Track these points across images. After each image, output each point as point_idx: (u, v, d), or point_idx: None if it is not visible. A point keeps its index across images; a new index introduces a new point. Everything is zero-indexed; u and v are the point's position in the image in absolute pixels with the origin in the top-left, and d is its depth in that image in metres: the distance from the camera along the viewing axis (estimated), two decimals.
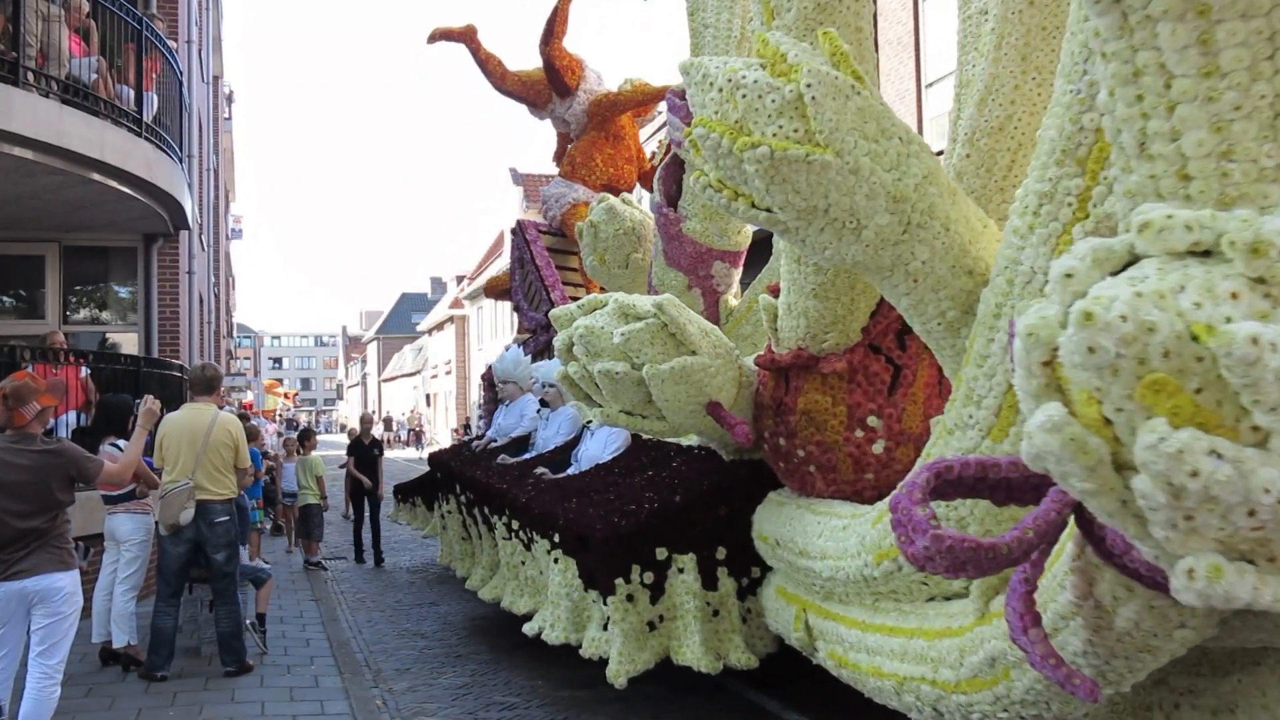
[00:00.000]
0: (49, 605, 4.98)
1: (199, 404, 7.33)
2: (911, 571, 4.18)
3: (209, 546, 7.09)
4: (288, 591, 10.51)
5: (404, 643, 8.58)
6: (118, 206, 10.78)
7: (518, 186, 39.92)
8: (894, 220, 3.89)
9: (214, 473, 7.07)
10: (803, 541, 5.06)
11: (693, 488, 6.27)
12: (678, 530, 6.00)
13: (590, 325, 5.64)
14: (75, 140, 9.07)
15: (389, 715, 6.52)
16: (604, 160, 12.20)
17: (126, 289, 12.86)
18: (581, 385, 5.87)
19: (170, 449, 7.06)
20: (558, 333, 5.98)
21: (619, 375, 5.50)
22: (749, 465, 6.25)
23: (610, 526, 5.98)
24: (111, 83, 10.13)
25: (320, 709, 6.51)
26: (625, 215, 9.85)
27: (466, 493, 9.12)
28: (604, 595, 5.91)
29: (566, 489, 7.07)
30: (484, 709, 6.68)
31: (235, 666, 7.17)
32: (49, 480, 5.06)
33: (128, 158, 9.90)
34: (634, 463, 7.29)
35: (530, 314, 12.18)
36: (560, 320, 6.02)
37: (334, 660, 7.72)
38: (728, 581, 6.02)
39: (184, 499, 6.93)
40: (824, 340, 5.31)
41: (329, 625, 8.99)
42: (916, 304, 4.19)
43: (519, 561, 7.44)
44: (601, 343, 5.58)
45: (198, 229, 15.47)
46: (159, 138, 10.80)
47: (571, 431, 8.80)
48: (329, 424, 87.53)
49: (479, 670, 7.63)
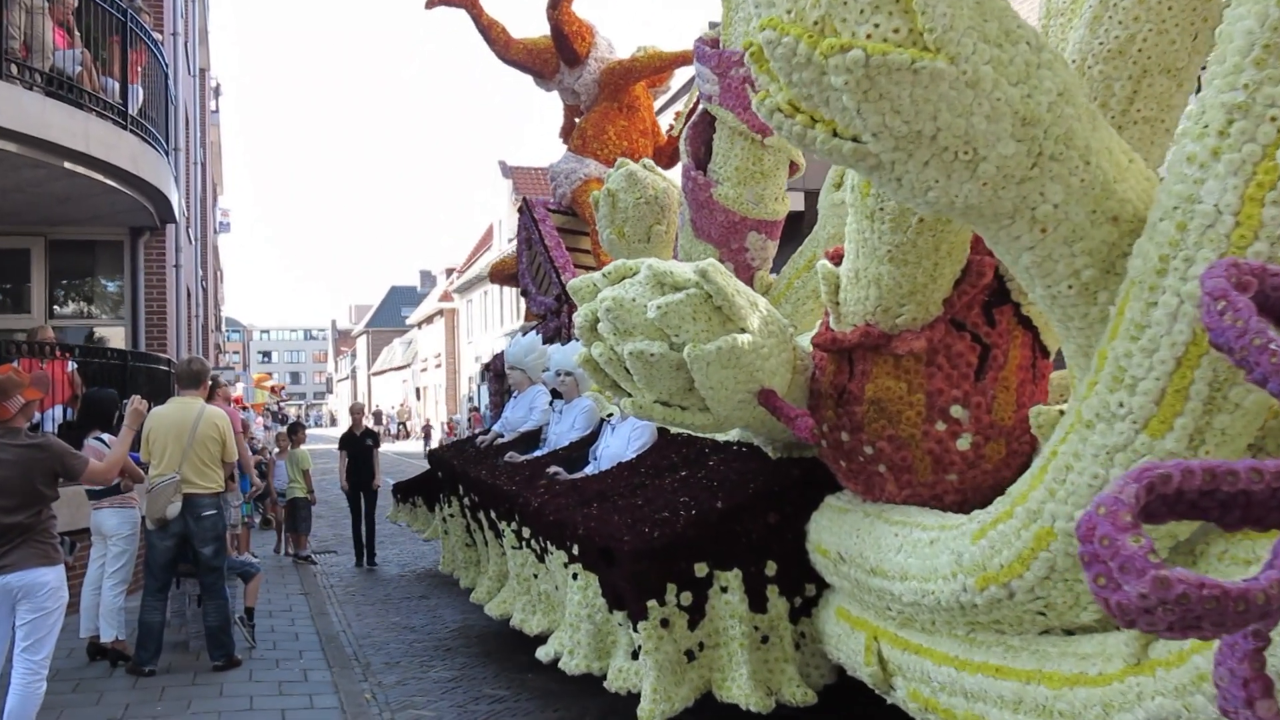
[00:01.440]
0: (33, 601, 4.89)
1: (186, 398, 7.22)
2: (1029, 599, 3.35)
3: (196, 540, 6.95)
4: (276, 585, 10.25)
5: (393, 636, 8.42)
6: (103, 200, 10.54)
7: (507, 179, 39.68)
8: (1021, 150, 3.03)
9: (201, 466, 6.94)
10: (875, 557, 4.21)
11: (736, 491, 5.22)
12: (720, 542, 4.99)
13: (619, 297, 4.69)
14: (59, 133, 8.90)
15: (378, 708, 6.39)
16: (617, 133, 11.25)
17: (113, 283, 12.67)
18: (608, 370, 4.91)
19: (157, 443, 6.92)
20: (576, 309, 5.08)
21: (654, 357, 4.56)
22: (801, 465, 5.28)
23: (640, 539, 4.92)
24: (96, 75, 9.93)
25: (309, 703, 6.39)
26: (647, 182, 8.78)
27: (470, 494, 8.07)
28: (634, 620, 4.86)
29: (585, 492, 6.07)
30: (473, 701, 6.59)
31: (223, 661, 7.04)
32: (33, 475, 4.97)
33: (113, 151, 9.72)
34: (662, 461, 6.29)
35: (539, 298, 11.20)
36: (581, 292, 5.09)
37: (323, 654, 7.59)
38: (779, 602, 5.02)
39: (171, 493, 6.82)
40: (899, 314, 4.32)
41: (318, 619, 8.81)
42: (1042, 261, 3.28)
43: (530, 574, 6.52)
44: (633, 318, 4.65)
45: (185, 222, 15.35)
46: (144, 130, 10.58)
47: (588, 426, 7.87)
48: (319, 417, 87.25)
49: (468, 663, 7.49)
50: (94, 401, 7.68)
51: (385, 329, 76.15)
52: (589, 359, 4.95)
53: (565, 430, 8.05)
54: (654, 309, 4.54)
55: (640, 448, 6.74)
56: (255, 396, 43.36)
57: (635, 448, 6.76)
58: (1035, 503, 3.35)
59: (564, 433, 8.03)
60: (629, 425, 6.93)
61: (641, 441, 6.80)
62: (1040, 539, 3.29)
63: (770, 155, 7.43)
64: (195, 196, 19.21)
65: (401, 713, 6.40)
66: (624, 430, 6.97)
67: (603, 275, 4.99)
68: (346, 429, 13.16)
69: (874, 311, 4.40)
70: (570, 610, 5.56)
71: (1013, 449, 4.37)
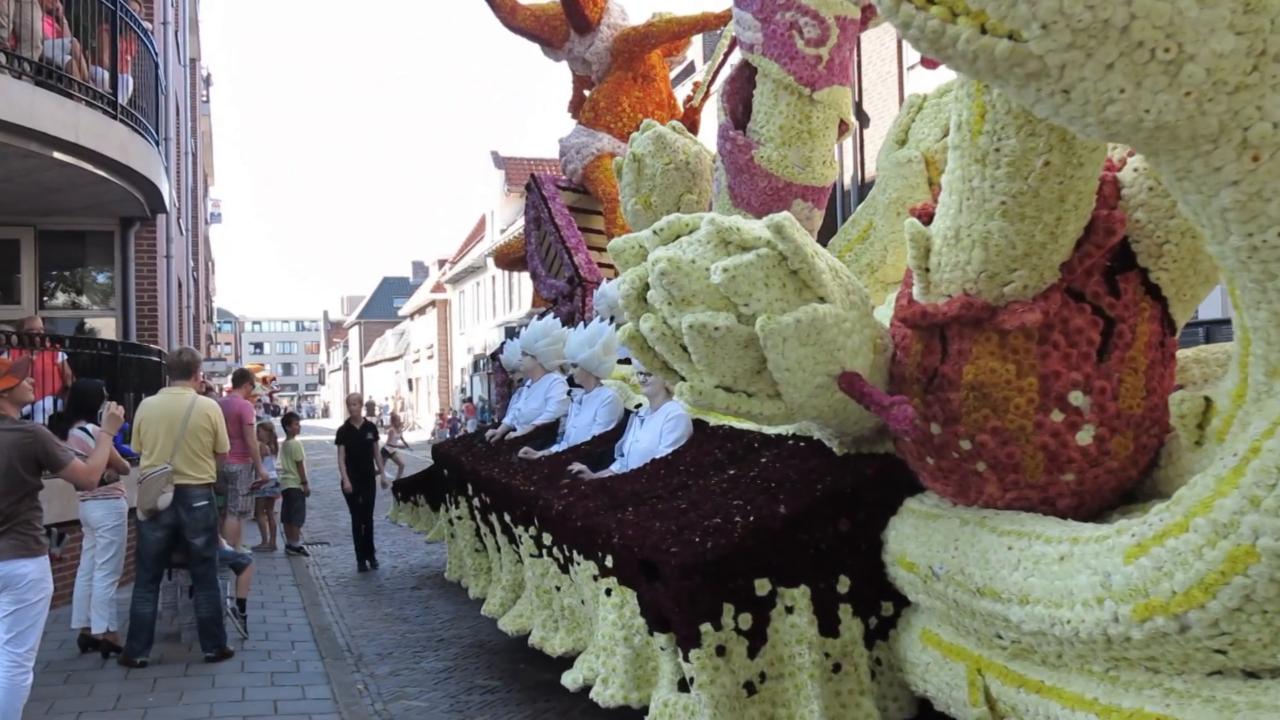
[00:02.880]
0: (14, 592, 4.79)
1: (177, 389, 7.12)
2: (1211, 634, 2.67)
3: (188, 531, 6.88)
4: (269, 577, 10.09)
5: (386, 627, 8.34)
6: (93, 190, 10.33)
7: (499, 170, 39.59)
8: (1240, 46, 2.27)
9: (192, 457, 6.86)
10: (982, 574, 3.48)
11: (800, 493, 4.38)
12: (784, 554, 4.18)
13: (676, 259, 3.84)
14: (49, 123, 8.74)
15: (370, 699, 6.34)
16: (632, 104, 10.56)
17: (104, 273, 12.54)
18: (658, 349, 4.03)
19: (148, 434, 6.85)
20: (621, 272, 4.25)
21: (719, 332, 3.73)
22: (875, 461, 4.46)
23: (690, 551, 4.09)
24: (86, 65, 9.78)
25: (301, 694, 6.31)
26: (677, 146, 7.89)
27: (481, 495, 7.16)
28: (684, 647, 4.04)
29: (617, 493, 5.26)
30: (466, 693, 6.56)
31: (215, 652, 6.95)
32: (14, 460, 4.85)
33: (102, 140, 9.56)
34: (704, 458, 5.47)
35: (550, 281, 10.42)
36: (624, 255, 4.25)
37: (315, 645, 7.49)
38: (853, 624, 4.23)
39: (162, 484, 6.75)
40: (1008, 281, 3.56)
41: (310, 610, 8.68)
42: (1248, 200, 2.51)
43: (552, 587, 5.75)
44: (693, 284, 3.81)
45: (175, 213, 15.35)
46: (134, 120, 10.40)
47: (611, 419, 7.02)
48: (311, 409, 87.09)
49: (461, 654, 7.43)
50: (81, 392, 7.63)
51: (377, 320, 75.86)
52: (635, 336, 4.11)
53: (586, 423, 7.16)
54: (719, 272, 3.73)
55: (675, 442, 5.94)
56: None
57: (669, 442, 5.95)
58: (1226, 513, 2.64)
59: (584, 426, 7.15)
60: (661, 417, 6.14)
61: (676, 435, 6.00)
62: (1235, 560, 2.60)
63: (819, 112, 6.75)
64: (186, 187, 19.09)
65: (394, 703, 6.37)
66: (655, 423, 6.17)
67: (653, 232, 4.14)
68: (344, 421, 12.07)
69: (976, 279, 3.63)
70: (603, 632, 4.70)
71: (1141, 443, 3.65)
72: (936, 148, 5.80)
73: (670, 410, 6.07)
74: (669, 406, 6.08)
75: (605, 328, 7.30)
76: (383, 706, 6.28)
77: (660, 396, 6.23)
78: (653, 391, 6.32)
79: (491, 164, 40.25)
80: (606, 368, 7.16)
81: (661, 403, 6.20)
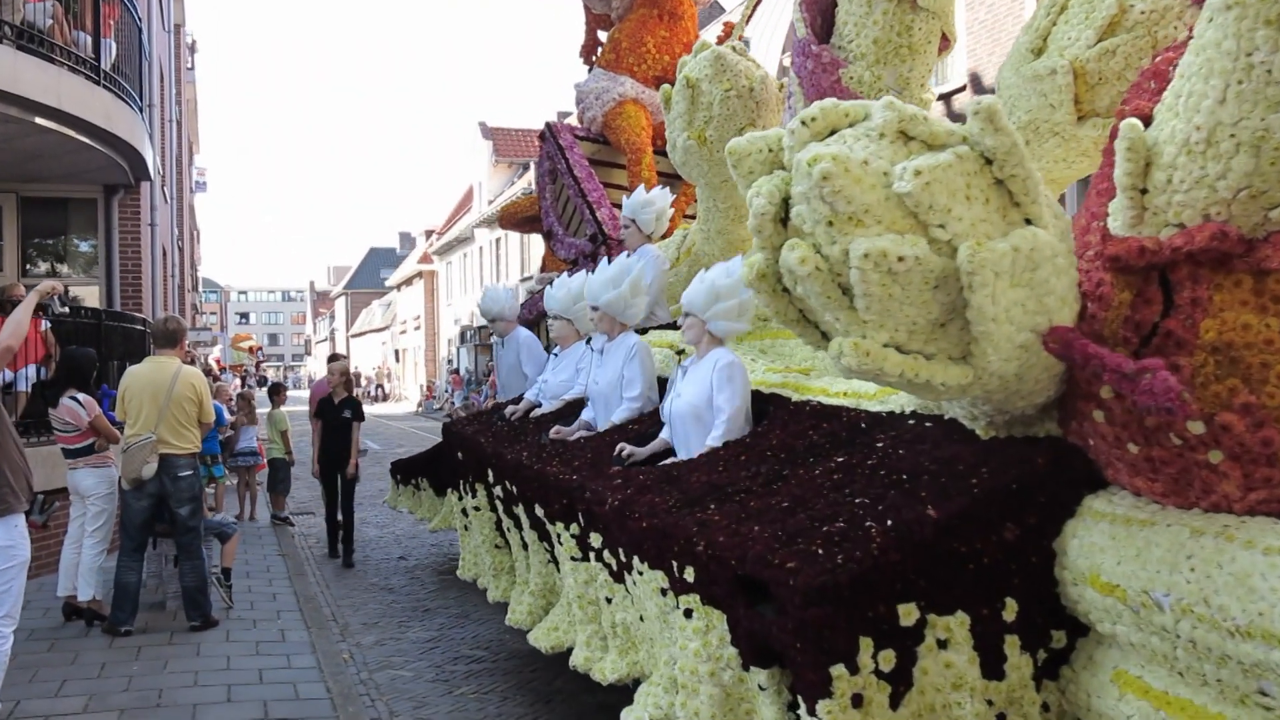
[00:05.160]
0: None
1: (162, 357, 7.10)
2: None
3: (172, 501, 6.89)
4: (254, 547, 10.15)
5: (371, 597, 8.45)
6: (76, 157, 10.31)
7: (487, 141, 39.40)
8: None
9: (177, 427, 6.85)
10: (1245, 607, 2.59)
11: (950, 491, 3.31)
12: (936, 571, 3.14)
13: (843, 157, 2.78)
14: (30, 87, 8.67)
15: (356, 669, 6.39)
16: (657, 44, 9.59)
17: (87, 241, 12.52)
18: (808, 289, 2.94)
19: (133, 403, 6.82)
20: (756, 178, 3.11)
21: (905, 265, 2.75)
22: (1042, 448, 3.39)
23: (817, 567, 3.03)
24: (68, 29, 9.68)
25: (287, 663, 6.34)
26: (740, 69, 6.68)
27: (505, 483, 6.01)
28: (809, 698, 3.02)
29: (688, 485, 4.17)
30: (451, 662, 6.62)
31: (200, 621, 7.00)
32: None
33: (85, 106, 9.50)
34: (793, 440, 4.39)
35: (568, 240, 9.40)
36: (749, 160, 3.14)
37: (301, 614, 7.53)
38: (1020, 661, 3.23)
39: (147, 453, 6.75)
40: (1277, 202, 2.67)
41: (296, 580, 8.75)
42: None
43: (600, 598, 4.65)
44: (866, 194, 2.77)
45: (160, 180, 15.11)
46: (118, 86, 10.33)
47: (645, 373, 5.92)
48: (297, 379, 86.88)
49: (447, 624, 7.53)
50: (73, 359, 7.57)
51: (364, 290, 75.55)
52: (764, 275, 3.07)
53: (612, 378, 6.00)
54: (907, 177, 2.75)
55: (731, 398, 4.81)
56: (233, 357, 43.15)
57: (726, 397, 4.81)
58: None
59: (610, 383, 6.02)
60: (708, 366, 4.96)
61: (734, 389, 4.82)
62: None
63: (922, 22, 5.70)
64: (171, 154, 18.92)
65: (379, 673, 6.40)
66: (701, 373, 4.99)
67: (801, 123, 2.99)
68: (323, 395, 10.27)
69: (1231, 199, 2.72)
70: (683, 664, 3.61)
71: None
72: (1089, 55, 4.57)
73: (720, 357, 4.96)
74: (718, 353, 5.01)
75: (633, 264, 6.37)
76: (368, 676, 6.31)
77: (706, 341, 5.13)
78: (696, 336, 5.16)
79: (479, 135, 39.99)
80: (634, 314, 6.20)
81: (709, 348, 5.09)
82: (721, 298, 5.04)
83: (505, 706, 5.81)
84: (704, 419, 4.88)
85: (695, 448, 4.80)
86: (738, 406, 4.80)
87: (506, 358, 8.68)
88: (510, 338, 8.67)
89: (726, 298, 5.03)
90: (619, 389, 5.91)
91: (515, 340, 8.66)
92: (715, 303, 5.04)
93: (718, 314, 5.05)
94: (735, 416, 4.78)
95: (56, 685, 5.84)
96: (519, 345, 8.61)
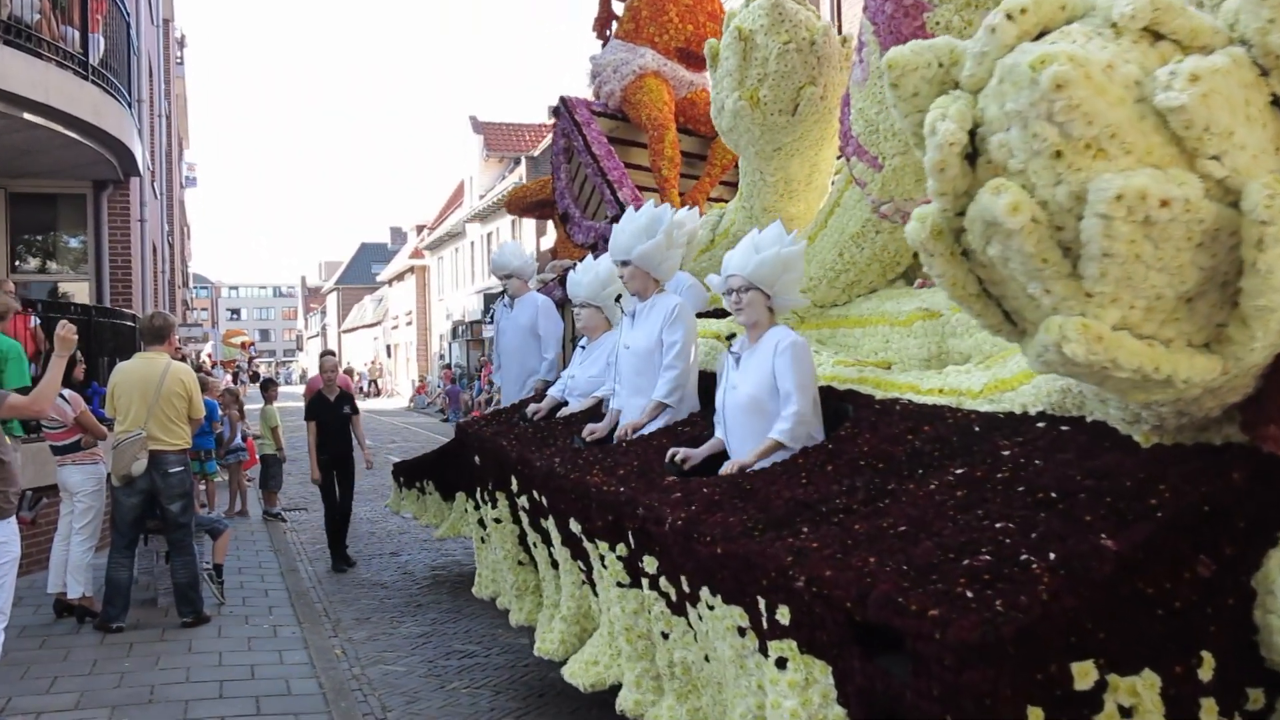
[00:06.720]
0: None
1: (151, 353, 7.06)
2: None
3: (163, 497, 6.87)
4: (246, 543, 10.09)
5: (363, 592, 8.40)
6: (65, 152, 10.29)
7: (478, 135, 39.33)
8: None
9: (167, 423, 6.84)
10: None
11: (1125, 515, 2.58)
12: (1116, 620, 2.44)
13: (1080, 58, 2.04)
14: (18, 82, 8.64)
15: (348, 664, 6.36)
16: (680, 13, 8.94)
17: (76, 237, 12.51)
18: (1012, 251, 2.19)
19: (122, 399, 6.81)
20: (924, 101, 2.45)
21: (1168, 214, 2.03)
22: (1238, 459, 2.66)
23: (971, 618, 2.32)
24: (55, 23, 9.66)
25: (279, 659, 6.31)
26: (800, 19, 5.90)
27: (533, 492, 5.18)
28: None
29: (768, 501, 3.51)
30: (444, 657, 6.60)
31: (192, 617, 6.96)
32: None
33: (74, 101, 9.48)
34: (889, 446, 3.66)
35: (586, 224, 8.75)
36: (912, 74, 2.47)
37: (293, 610, 7.52)
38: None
39: (136, 449, 6.74)
40: None
41: (288, 576, 8.70)
42: None
43: (655, 632, 3.89)
44: (1112, 112, 2.05)
45: (149, 176, 15.06)
46: (106, 81, 10.33)
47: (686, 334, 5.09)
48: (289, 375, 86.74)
49: (439, 619, 7.50)
50: None
51: (355, 286, 75.40)
52: (940, 232, 2.40)
53: (647, 342, 5.17)
54: (1178, 84, 2.04)
55: (801, 385, 4.12)
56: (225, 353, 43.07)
57: (792, 385, 4.11)
58: None
59: (645, 347, 5.19)
60: (769, 349, 4.25)
61: (799, 373, 4.13)
62: None
63: None
64: (160, 150, 18.86)
65: (371, 668, 6.40)
66: (761, 358, 4.27)
67: (1006, 16, 2.27)
68: (315, 392, 9.78)
69: None
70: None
71: None
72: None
73: (781, 336, 4.28)
74: (777, 333, 4.33)
75: (665, 212, 5.52)
76: (360, 671, 6.30)
77: (764, 322, 4.39)
78: (751, 317, 4.39)
79: (470, 129, 39.91)
80: (669, 267, 5.47)
81: (765, 330, 4.37)
82: (790, 268, 4.38)
83: (498, 701, 5.81)
84: (768, 411, 4.18)
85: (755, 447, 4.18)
86: (810, 394, 4.13)
87: (516, 321, 7.83)
88: (525, 299, 7.90)
89: (794, 269, 4.41)
90: (654, 357, 5.09)
91: (531, 303, 7.83)
92: (783, 274, 4.36)
93: (787, 286, 4.40)
94: (806, 406, 4.09)
95: (48, 682, 5.83)
96: (536, 308, 7.79)
